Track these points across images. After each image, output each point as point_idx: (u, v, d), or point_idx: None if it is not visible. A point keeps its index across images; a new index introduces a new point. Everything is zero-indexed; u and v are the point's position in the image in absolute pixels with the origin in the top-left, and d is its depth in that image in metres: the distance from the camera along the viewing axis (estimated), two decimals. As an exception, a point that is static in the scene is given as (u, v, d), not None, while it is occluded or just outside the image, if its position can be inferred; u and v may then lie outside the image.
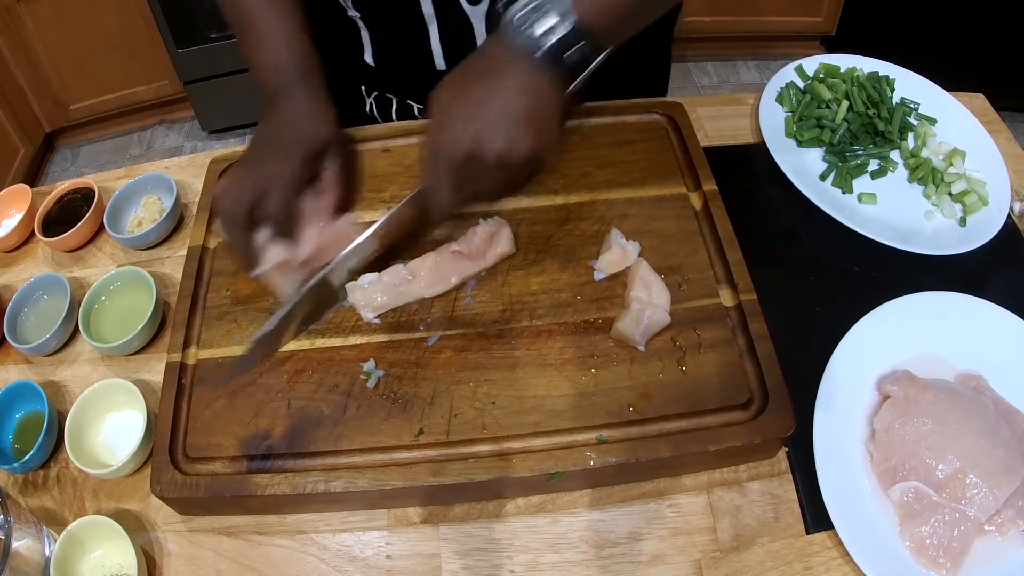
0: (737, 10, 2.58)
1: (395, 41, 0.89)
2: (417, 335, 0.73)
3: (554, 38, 0.60)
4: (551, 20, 0.59)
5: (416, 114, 0.98)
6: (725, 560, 0.63)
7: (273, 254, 0.72)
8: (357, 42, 0.91)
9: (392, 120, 0.99)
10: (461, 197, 0.66)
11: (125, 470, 0.69)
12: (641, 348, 0.70)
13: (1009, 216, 0.85)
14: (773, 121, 0.93)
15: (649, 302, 0.71)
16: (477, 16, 0.83)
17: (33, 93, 2.44)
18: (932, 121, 0.93)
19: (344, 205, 0.77)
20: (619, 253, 0.74)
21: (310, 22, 0.79)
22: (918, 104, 0.95)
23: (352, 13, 0.87)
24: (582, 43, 0.61)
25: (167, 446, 0.67)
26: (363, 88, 1.00)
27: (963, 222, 0.85)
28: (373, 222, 0.73)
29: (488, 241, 0.76)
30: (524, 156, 0.62)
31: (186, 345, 0.74)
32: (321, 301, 0.74)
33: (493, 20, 0.84)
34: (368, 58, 0.92)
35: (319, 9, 0.79)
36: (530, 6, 0.60)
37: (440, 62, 0.88)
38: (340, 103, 0.77)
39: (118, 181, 0.95)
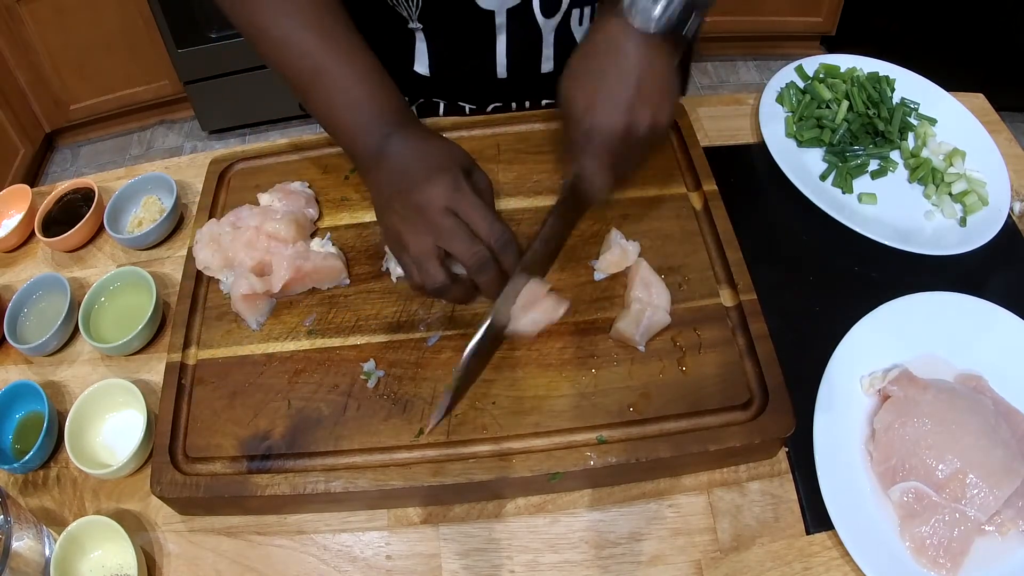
0: (737, 10, 2.58)
1: (457, 51, 0.87)
2: (417, 335, 0.73)
3: (672, 14, 0.64)
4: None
5: (467, 114, 0.95)
6: (725, 560, 0.63)
7: (241, 285, 0.73)
8: (407, 53, 0.89)
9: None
10: (613, 179, 0.68)
11: (125, 470, 0.69)
12: (641, 348, 0.70)
13: (1009, 216, 0.85)
14: (773, 121, 0.93)
15: (649, 302, 0.70)
16: (548, 28, 0.83)
17: (33, 93, 2.44)
18: (932, 121, 0.93)
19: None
20: (619, 253, 0.74)
21: None
22: (918, 104, 0.95)
23: (413, 25, 0.84)
24: (692, 16, 0.65)
25: (167, 446, 0.67)
26: (406, 98, 0.97)
27: (963, 222, 0.85)
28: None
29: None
30: (664, 127, 0.67)
31: (186, 345, 0.74)
32: (493, 342, 0.68)
33: (563, 32, 0.85)
34: (421, 68, 0.89)
35: (362, 21, 0.74)
36: None
37: (502, 71, 0.88)
38: None
39: (118, 181, 0.95)
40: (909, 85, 0.96)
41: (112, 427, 0.74)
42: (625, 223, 0.79)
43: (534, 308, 0.67)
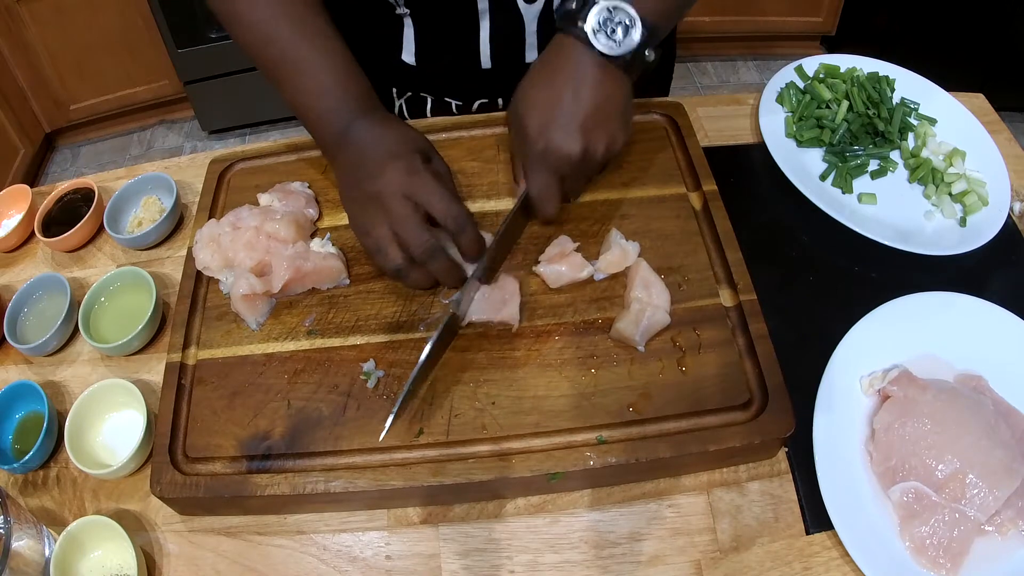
0: (737, 10, 2.58)
1: (442, 37, 0.88)
2: (417, 335, 0.73)
3: (634, 40, 0.65)
4: (627, 24, 0.65)
5: (454, 111, 0.96)
6: (725, 560, 0.63)
7: (241, 285, 0.73)
8: (395, 41, 0.90)
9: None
10: (562, 198, 0.72)
11: (125, 470, 0.69)
12: (641, 348, 0.70)
13: (1009, 216, 0.85)
14: (773, 121, 0.93)
15: (649, 302, 0.71)
16: (530, 15, 0.84)
17: (33, 93, 2.45)
18: (932, 121, 0.93)
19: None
20: (619, 253, 0.74)
21: (338, 25, 0.76)
22: (918, 104, 0.95)
23: (401, 11, 0.85)
24: (650, 42, 0.66)
25: (167, 446, 0.67)
26: (394, 90, 0.98)
27: (963, 222, 0.85)
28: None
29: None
30: (617, 151, 0.70)
31: (186, 345, 0.74)
32: (451, 333, 0.71)
33: (546, 20, 0.85)
34: (408, 57, 0.90)
35: (351, 10, 0.77)
36: (603, 13, 0.65)
37: (486, 60, 0.88)
38: None
39: (118, 181, 0.95)
40: (909, 85, 0.96)
41: (112, 427, 0.74)
42: (625, 223, 0.79)
43: (561, 262, 0.73)
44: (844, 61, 0.98)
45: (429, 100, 0.96)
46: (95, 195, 0.90)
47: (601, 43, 0.65)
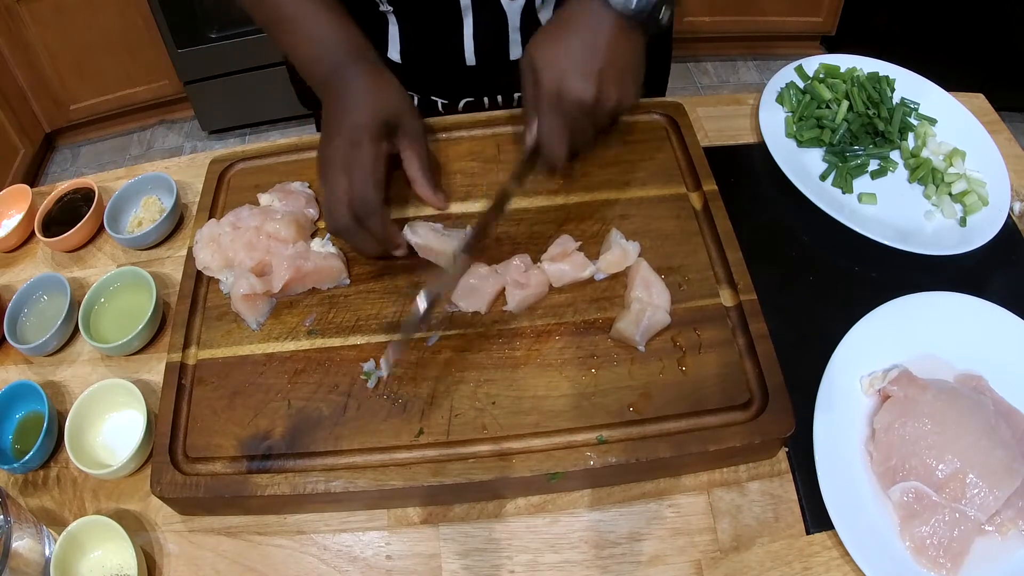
0: (737, 10, 2.58)
1: (426, 35, 0.89)
2: (417, 335, 0.73)
3: (651, 1, 0.67)
4: None
5: (440, 110, 0.97)
6: (725, 560, 0.63)
7: (241, 285, 0.73)
8: (381, 38, 0.90)
9: None
10: (569, 148, 0.73)
11: (125, 470, 0.69)
12: (641, 348, 0.70)
13: (1009, 216, 0.85)
14: (773, 121, 0.93)
15: (649, 302, 0.71)
16: (513, 11, 0.84)
17: (33, 93, 2.44)
18: (932, 121, 0.93)
19: (433, 182, 0.79)
20: (619, 253, 0.74)
21: None
22: (918, 104, 0.95)
23: (384, 8, 0.86)
24: (664, 2, 0.68)
25: (167, 446, 0.67)
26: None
27: (963, 222, 0.85)
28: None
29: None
30: (627, 106, 0.71)
31: (186, 345, 0.74)
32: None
33: (529, 16, 0.85)
34: (394, 54, 0.91)
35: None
36: None
37: (470, 57, 0.88)
38: None
39: (118, 181, 0.95)
40: (909, 85, 0.96)
41: (112, 427, 0.74)
42: (625, 223, 0.79)
43: (564, 261, 0.74)
44: (844, 61, 0.98)
45: (415, 99, 0.97)
46: (95, 195, 0.90)
47: (617, 1, 0.67)
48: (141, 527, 0.68)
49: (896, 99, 0.95)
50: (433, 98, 0.96)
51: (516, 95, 0.96)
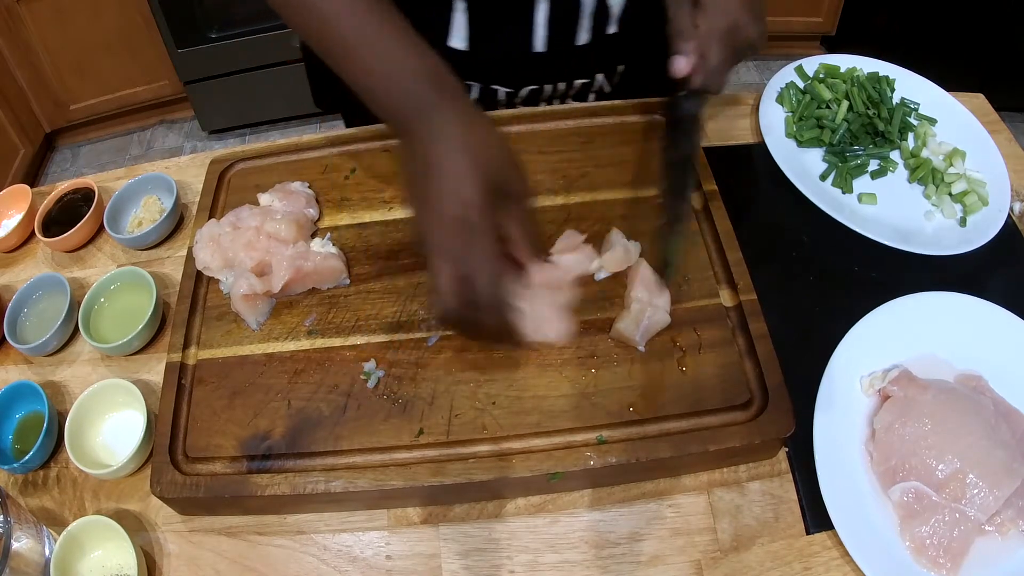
0: (737, 10, 2.57)
1: (497, 20, 0.86)
2: (417, 335, 0.73)
3: None
4: None
5: (501, 98, 0.95)
6: (725, 560, 0.63)
7: (241, 285, 0.73)
8: (443, 25, 0.86)
9: None
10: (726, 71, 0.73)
11: (125, 470, 0.69)
12: (641, 348, 0.70)
13: (1009, 216, 0.85)
14: (773, 121, 0.93)
15: (649, 302, 0.70)
16: None
17: (33, 93, 2.44)
18: (932, 121, 0.93)
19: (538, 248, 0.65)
20: (622, 252, 0.74)
21: None
22: (918, 104, 0.95)
23: None
24: None
25: (167, 446, 0.67)
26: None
27: (963, 222, 0.85)
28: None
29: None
30: (757, 46, 0.73)
31: (186, 345, 0.74)
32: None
33: (601, 1, 0.85)
34: (457, 42, 0.87)
35: None
36: None
37: (540, 43, 0.87)
38: None
39: (118, 181, 0.95)
40: (909, 85, 0.96)
41: (112, 427, 0.74)
42: (625, 223, 0.79)
43: (574, 253, 0.73)
44: (844, 61, 0.98)
45: (475, 88, 0.94)
46: (95, 195, 0.90)
47: None
48: (141, 527, 0.68)
49: (896, 99, 0.95)
50: (494, 87, 0.94)
51: (578, 82, 0.96)
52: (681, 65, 0.72)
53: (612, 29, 0.89)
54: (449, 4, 0.85)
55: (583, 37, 0.88)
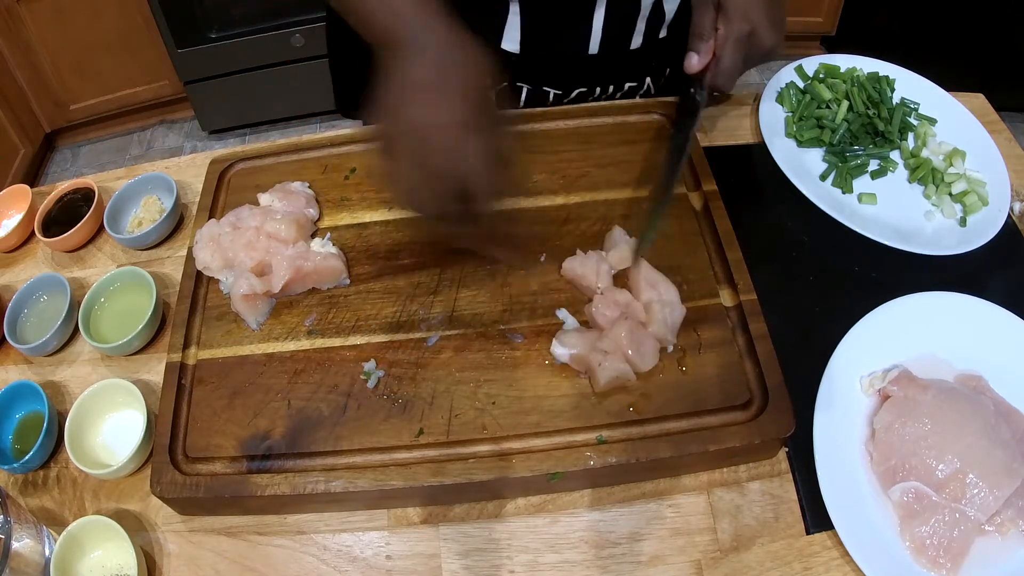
0: (737, 10, 2.57)
1: (552, 24, 0.86)
2: (417, 335, 0.73)
3: None
4: None
5: (550, 100, 0.95)
6: (725, 560, 0.63)
7: (241, 285, 0.73)
8: (496, 28, 0.86)
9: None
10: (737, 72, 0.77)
11: (125, 470, 0.69)
12: (670, 349, 0.70)
13: (1009, 216, 0.85)
14: (773, 121, 0.93)
15: (662, 299, 0.70)
16: (647, 0, 0.85)
17: (33, 93, 2.44)
18: (932, 121, 0.93)
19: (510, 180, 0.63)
20: (626, 250, 0.74)
21: None
22: (918, 104, 0.95)
23: None
24: None
25: (167, 446, 0.67)
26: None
27: (963, 222, 0.85)
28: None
29: None
30: (774, 54, 0.76)
31: (186, 345, 0.74)
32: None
33: (657, 5, 0.87)
34: (509, 45, 0.87)
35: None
36: None
37: (594, 46, 0.88)
38: None
39: (118, 181, 0.95)
40: (909, 85, 0.96)
41: (112, 427, 0.74)
42: (625, 223, 0.79)
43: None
44: (844, 61, 0.98)
45: (525, 90, 0.94)
46: (95, 195, 0.90)
47: None
48: (141, 527, 0.68)
49: (896, 99, 0.95)
50: (545, 88, 0.95)
51: (627, 84, 0.97)
52: (693, 63, 0.75)
53: (663, 33, 0.90)
54: (503, 7, 0.85)
55: (636, 41, 0.89)
